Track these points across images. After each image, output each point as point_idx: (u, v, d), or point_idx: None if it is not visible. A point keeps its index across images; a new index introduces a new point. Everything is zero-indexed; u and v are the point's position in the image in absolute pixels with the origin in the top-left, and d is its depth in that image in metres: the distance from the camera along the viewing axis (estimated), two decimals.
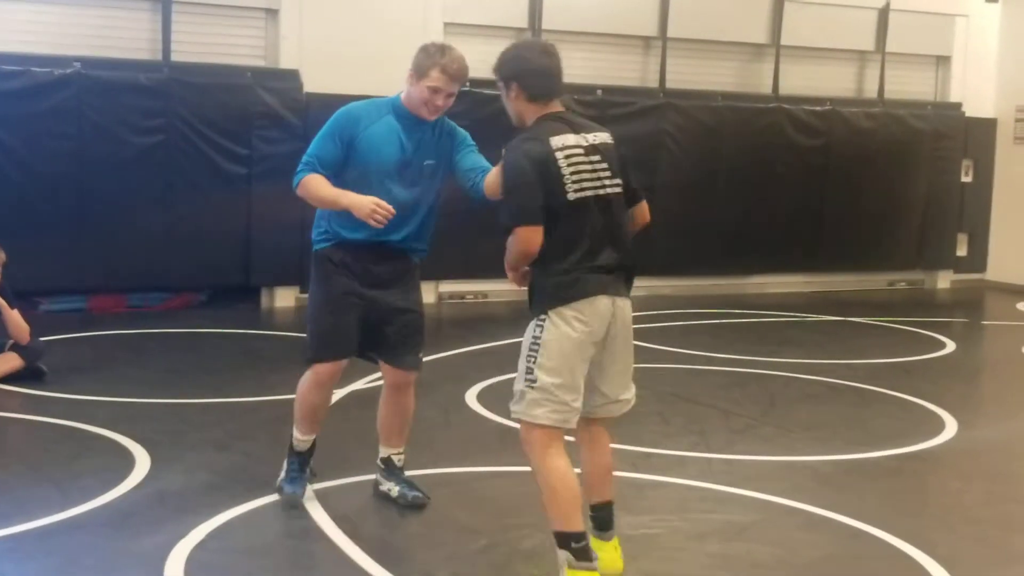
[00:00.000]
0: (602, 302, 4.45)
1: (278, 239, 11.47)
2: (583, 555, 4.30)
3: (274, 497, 5.59)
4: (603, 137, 4.60)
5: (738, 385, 8.81)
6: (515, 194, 4.40)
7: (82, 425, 6.90)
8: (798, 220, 14.30)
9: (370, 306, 5.30)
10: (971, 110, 15.32)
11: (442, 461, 6.32)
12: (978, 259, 15.70)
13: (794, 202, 14.21)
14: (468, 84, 12.41)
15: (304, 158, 5.27)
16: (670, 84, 13.54)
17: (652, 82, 13.64)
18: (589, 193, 4.45)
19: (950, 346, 10.94)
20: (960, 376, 9.86)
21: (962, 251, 15.58)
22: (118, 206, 10.97)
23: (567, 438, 4.58)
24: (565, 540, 4.30)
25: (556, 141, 4.43)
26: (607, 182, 4.53)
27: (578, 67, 13.10)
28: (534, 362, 4.40)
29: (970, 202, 15.48)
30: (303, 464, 5.54)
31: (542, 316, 4.43)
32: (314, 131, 12.29)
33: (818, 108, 14.28)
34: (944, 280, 15.56)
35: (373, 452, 5.84)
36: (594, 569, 4.26)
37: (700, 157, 13.59)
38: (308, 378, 5.41)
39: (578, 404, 4.45)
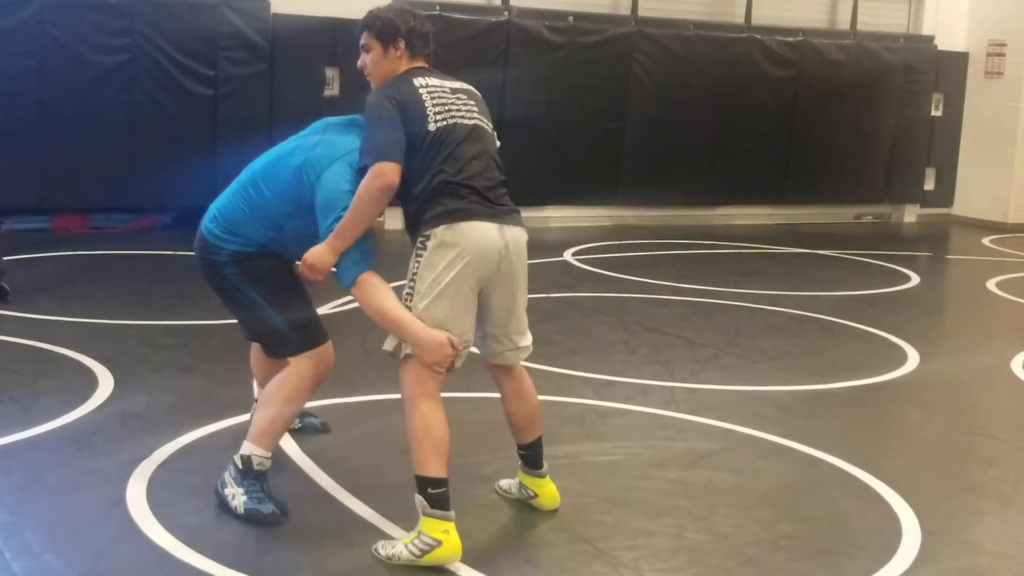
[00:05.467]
0: (489, 228, 4.31)
1: (244, 162, 11.36)
2: (439, 502, 4.17)
3: (235, 420, 5.58)
4: (467, 85, 4.62)
5: (703, 315, 8.85)
6: (375, 130, 4.29)
7: (45, 345, 6.86)
8: (766, 152, 14.29)
9: None
10: (943, 43, 15.30)
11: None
12: (945, 194, 15.75)
13: (763, 133, 14.20)
14: (438, 8, 12.36)
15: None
16: (642, 12, 13.44)
17: (624, 9, 13.54)
18: (455, 120, 4.40)
19: (915, 279, 11.02)
20: (923, 309, 9.93)
21: (929, 185, 15.63)
22: (82, 126, 10.85)
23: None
24: (422, 485, 4.18)
25: (418, 81, 4.45)
26: (475, 115, 4.50)
27: None
28: (412, 288, 4.28)
29: (939, 136, 15.51)
30: (264, 485, 4.57)
31: (421, 241, 4.29)
32: (281, 53, 12.36)
33: (790, 39, 14.22)
34: (911, 214, 15.62)
35: (339, 377, 5.83)
36: (449, 519, 4.16)
37: (670, 86, 13.52)
38: (305, 370, 4.59)
39: (467, 337, 4.32)
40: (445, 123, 4.37)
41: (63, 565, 4.05)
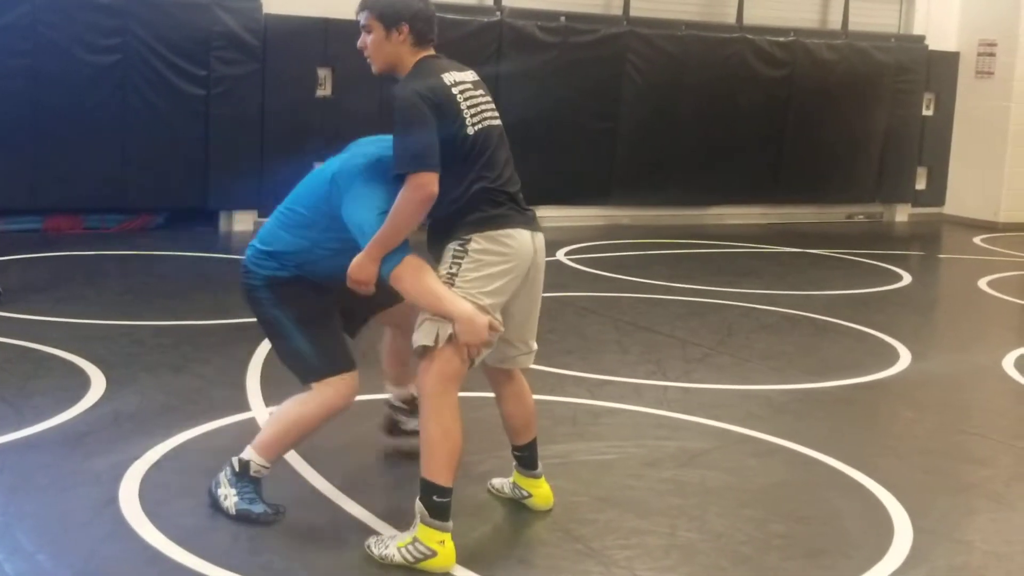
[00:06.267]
0: (525, 236, 4.31)
1: (236, 162, 11.40)
2: (440, 512, 4.13)
3: (228, 420, 5.59)
4: (477, 75, 4.47)
5: (696, 315, 8.85)
6: (411, 134, 4.10)
7: (37, 345, 6.84)
8: (759, 151, 14.30)
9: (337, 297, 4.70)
10: (934, 43, 15.32)
11: None
12: (937, 193, 15.78)
13: (755, 133, 14.21)
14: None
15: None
16: (634, 12, 13.45)
17: (616, 9, 13.54)
18: (488, 123, 4.32)
19: (906, 279, 11.03)
20: (915, 308, 9.94)
21: (921, 185, 15.65)
22: (74, 126, 10.83)
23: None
24: (428, 490, 4.14)
25: (447, 77, 4.28)
26: (495, 112, 4.43)
27: None
28: (451, 282, 4.20)
29: (930, 136, 15.53)
30: (258, 488, 4.55)
31: (461, 244, 4.22)
32: (273, 53, 12.36)
33: (781, 39, 14.24)
34: (902, 213, 15.65)
35: None
36: (446, 531, 4.15)
37: (662, 86, 13.53)
38: (326, 397, 4.48)
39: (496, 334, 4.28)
40: (480, 126, 4.28)
41: (55, 565, 4.04)
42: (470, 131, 4.23)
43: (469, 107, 4.26)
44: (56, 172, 10.81)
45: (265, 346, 7.02)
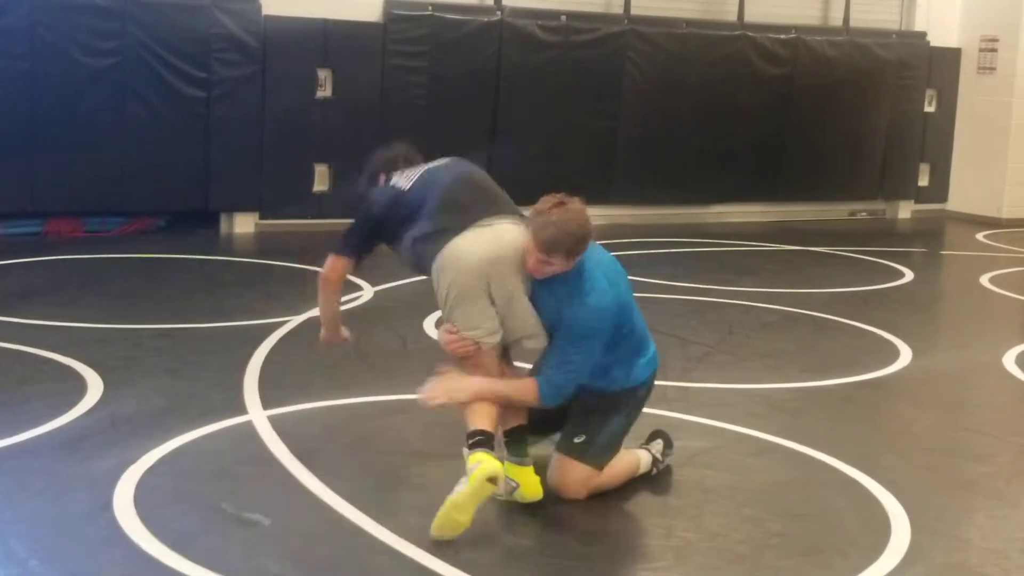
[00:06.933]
0: (458, 246, 4.72)
1: (237, 164, 11.39)
2: (475, 444, 4.50)
3: (225, 423, 5.59)
4: (453, 159, 5.16)
5: (696, 314, 8.83)
6: (350, 231, 5.03)
7: (34, 349, 6.83)
8: (760, 149, 14.26)
9: None
10: (936, 39, 15.28)
11: (399, 388, 6.31)
12: (939, 189, 15.73)
13: (756, 131, 14.16)
14: (431, 8, 12.34)
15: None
16: (634, 10, 13.41)
17: (616, 8, 13.51)
18: (429, 167, 5.02)
19: (908, 276, 10.99)
20: (917, 305, 9.91)
21: (923, 181, 15.61)
22: (74, 129, 10.81)
23: None
24: (466, 437, 4.58)
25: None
26: (451, 159, 5.14)
27: None
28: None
29: (932, 132, 15.48)
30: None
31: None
32: (273, 55, 12.34)
33: (783, 36, 14.19)
34: (905, 210, 15.61)
35: (332, 379, 5.84)
36: (489, 451, 4.46)
37: (663, 85, 13.50)
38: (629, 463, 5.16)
39: (479, 328, 4.73)
40: (416, 177, 4.94)
41: (48, 571, 4.03)
42: (405, 186, 4.91)
43: (407, 177, 4.96)
44: (56, 175, 10.80)
45: (263, 349, 7.04)
